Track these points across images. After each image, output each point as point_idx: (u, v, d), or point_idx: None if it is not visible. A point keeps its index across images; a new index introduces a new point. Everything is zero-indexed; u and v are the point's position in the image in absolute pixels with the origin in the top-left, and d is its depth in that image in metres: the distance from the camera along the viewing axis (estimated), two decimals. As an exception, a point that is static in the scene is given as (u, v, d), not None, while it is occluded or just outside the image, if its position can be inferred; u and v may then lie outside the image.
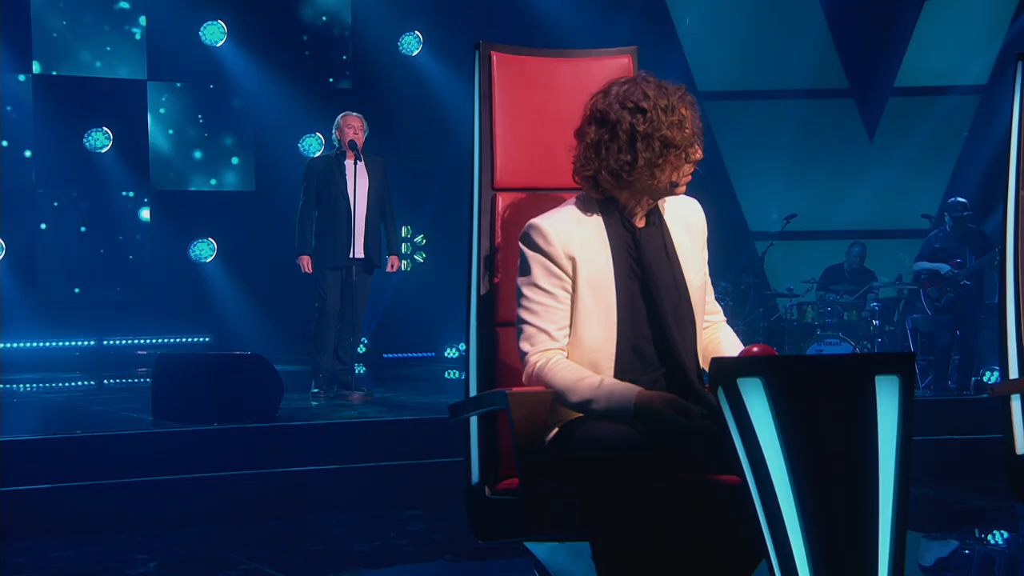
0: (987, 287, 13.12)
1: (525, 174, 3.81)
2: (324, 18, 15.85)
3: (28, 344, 14.50)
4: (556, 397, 3.53)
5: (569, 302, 3.59)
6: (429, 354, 15.92)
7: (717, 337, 3.91)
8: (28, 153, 14.60)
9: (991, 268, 13.02)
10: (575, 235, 3.60)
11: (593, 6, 15.62)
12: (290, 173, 14.16)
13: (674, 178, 3.62)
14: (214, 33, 15.00)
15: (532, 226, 3.61)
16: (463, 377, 12.97)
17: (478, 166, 3.93)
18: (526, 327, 3.59)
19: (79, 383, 14.20)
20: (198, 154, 15.52)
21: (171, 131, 15.35)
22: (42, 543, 7.21)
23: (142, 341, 14.96)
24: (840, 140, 16.43)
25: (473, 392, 3.79)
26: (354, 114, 10.07)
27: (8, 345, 14.37)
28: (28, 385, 13.87)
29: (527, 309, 3.60)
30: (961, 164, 16.12)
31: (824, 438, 3.06)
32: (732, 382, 3.00)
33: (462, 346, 15.40)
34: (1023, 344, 4.29)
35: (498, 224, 3.83)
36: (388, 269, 10.29)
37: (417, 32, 15.88)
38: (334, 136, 10.05)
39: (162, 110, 15.31)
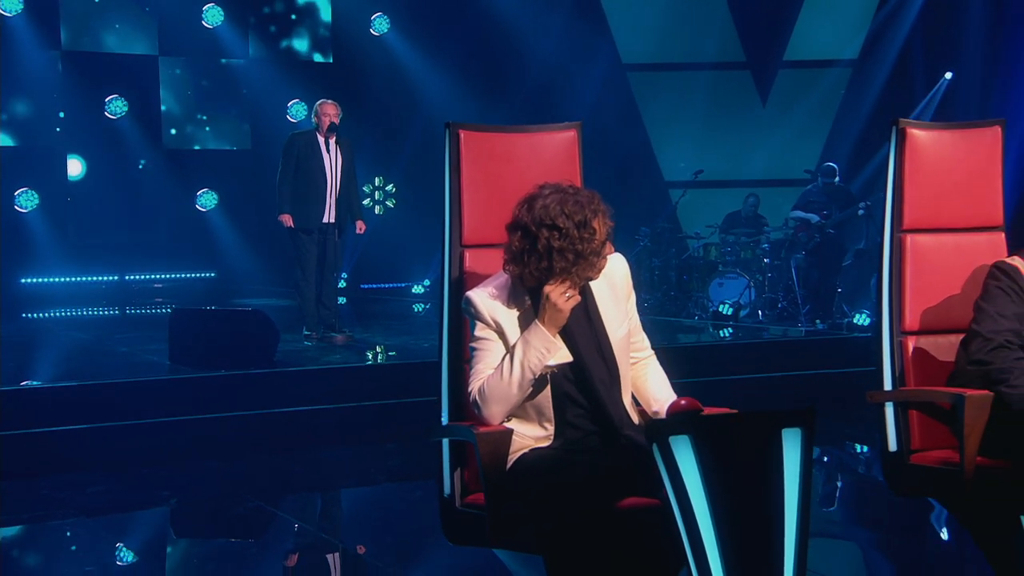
0: (848, 235, 13.25)
1: (489, 232, 3.69)
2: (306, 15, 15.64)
3: (61, 279, 14.40)
4: (495, 393, 3.43)
5: (501, 347, 3.50)
6: (399, 284, 15.82)
7: (645, 374, 3.78)
8: (61, 114, 14.40)
9: (852, 220, 13.17)
10: (502, 309, 3.51)
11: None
12: (279, 134, 14.05)
13: (589, 274, 3.51)
14: (215, 15, 14.77)
15: (466, 298, 3.53)
16: (427, 308, 12.90)
17: (448, 226, 3.79)
18: (471, 373, 3.51)
19: (107, 311, 14.18)
20: (202, 118, 15.35)
21: (178, 99, 15.16)
22: (79, 478, 7.15)
23: (158, 276, 14.94)
24: (739, 106, 16.32)
25: (445, 417, 3.70)
26: (330, 101, 9.85)
27: (44, 280, 14.30)
28: (64, 311, 13.85)
29: (471, 359, 3.53)
30: (836, 127, 16.16)
31: (741, 481, 3.01)
32: (665, 440, 2.95)
33: (426, 282, 15.39)
34: (895, 363, 4.24)
35: (465, 275, 3.75)
36: (357, 232, 10.14)
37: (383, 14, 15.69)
38: (312, 119, 9.85)
39: (171, 81, 15.10)
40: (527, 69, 15.60)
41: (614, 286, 3.65)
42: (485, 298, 3.49)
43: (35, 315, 13.70)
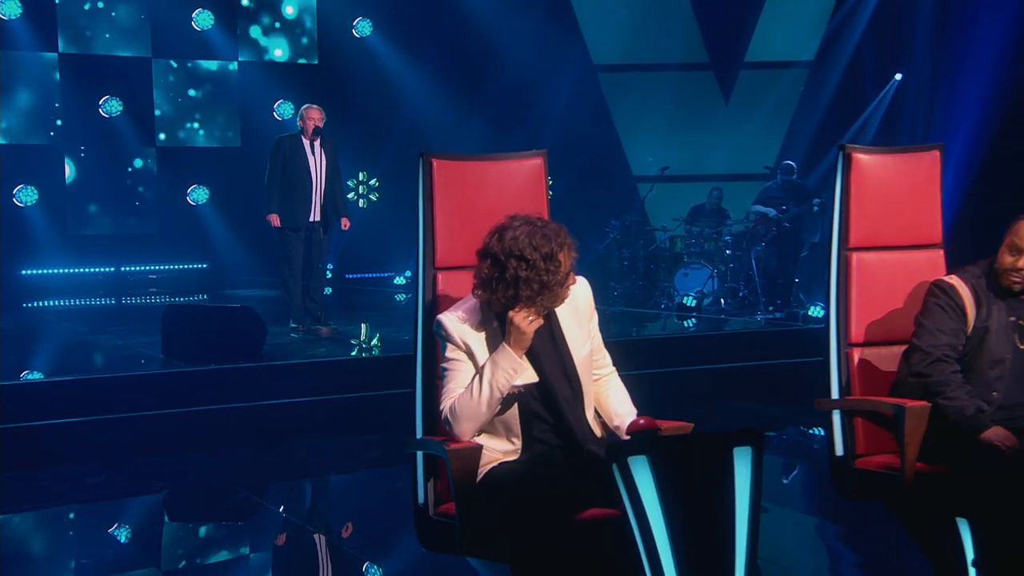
0: (804, 228, 13.32)
1: (460, 255, 3.69)
2: (292, 10, 15.55)
3: (60, 270, 14.35)
4: (466, 411, 3.44)
5: (471, 367, 3.50)
6: (383, 274, 15.79)
7: (607, 390, 3.77)
8: (59, 123, 14.33)
9: (808, 214, 13.24)
10: (471, 331, 3.51)
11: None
12: (267, 132, 14.02)
13: (553, 303, 3.51)
14: (205, 19, 14.70)
15: (437, 321, 3.53)
16: (408, 298, 12.81)
17: (423, 250, 3.79)
18: (442, 392, 3.52)
19: (104, 301, 14.11)
20: (193, 117, 15.27)
21: (170, 99, 15.09)
22: (78, 470, 7.13)
23: (152, 268, 14.87)
24: (703, 105, 16.31)
25: (419, 428, 3.70)
26: (315, 106, 9.82)
27: (44, 271, 14.25)
28: (62, 302, 13.78)
29: (442, 379, 3.54)
30: (794, 125, 16.20)
31: (695, 497, 3.04)
32: (623, 460, 2.97)
33: (408, 272, 15.37)
34: (841, 373, 4.26)
35: (439, 297, 3.76)
36: (342, 228, 10.11)
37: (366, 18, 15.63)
38: (298, 122, 9.80)
39: (164, 81, 15.03)
40: (503, 70, 15.58)
41: (577, 309, 3.65)
42: (455, 321, 3.50)
43: (35, 304, 13.65)
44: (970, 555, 3.91)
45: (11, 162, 13.84)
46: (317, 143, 9.68)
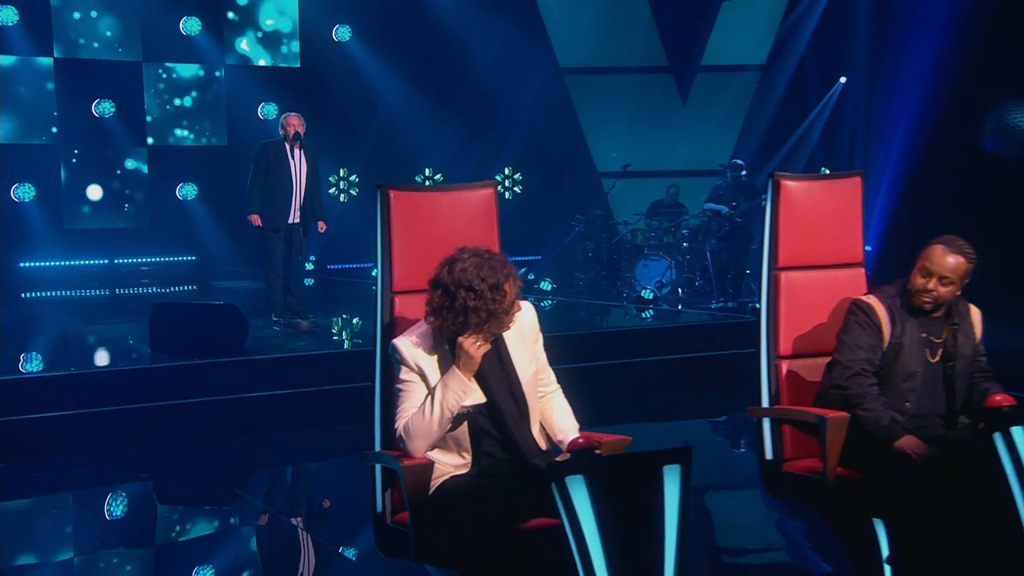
0: (754, 223, 13.39)
1: (416, 280, 3.72)
2: (275, 17, 15.49)
3: (57, 263, 14.26)
4: (418, 430, 3.47)
5: (423, 389, 3.53)
6: (362, 264, 15.71)
7: (552, 406, 3.79)
8: (54, 138, 14.24)
9: (757, 210, 13.30)
10: (424, 355, 3.55)
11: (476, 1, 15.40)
12: (252, 131, 14.02)
13: (500, 329, 3.55)
14: (192, 25, 14.61)
15: (392, 345, 3.57)
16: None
17: (381, 275, 3.82)
18: (397, 411, 3.55)
19: (98, 292, 14.08)
20: (183, 118, 15.19)
21: (160, 101, 15.01)
22: (67, 461, 7.09)
23: (144, 260, 14.75)
24: (662, 106, 16.37)
25: (377, 442, 3.74)
26: (295, 113, 9.78)
27: (41, 264, 14.18)
28: (59, 293, 13.74)
29: (396, 399, 3.57)
30: (746, 125, 16.26)
31: (628, 512, 3.09)
32: (562, 480, 3.02)
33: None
34: (771, 383, 4.33)
35: (395, 319, 3.80)
36: (319, 230, 10.06)
37: (345, 24, 15.56)
38: (280, 130, 9.77)
39: (154, 84, 14.94)
40: (474, 73, 15.56)
41: (523, 332, 3.68)
42: (409, 345, 3.54)
43: (33, 295, 13.59)
44: (885, 552, 4.00)
45: (9, 161, 13.79)
46: (298, 149, 9.64)
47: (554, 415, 3.74)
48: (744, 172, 13.52)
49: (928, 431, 3.99)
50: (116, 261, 14.58)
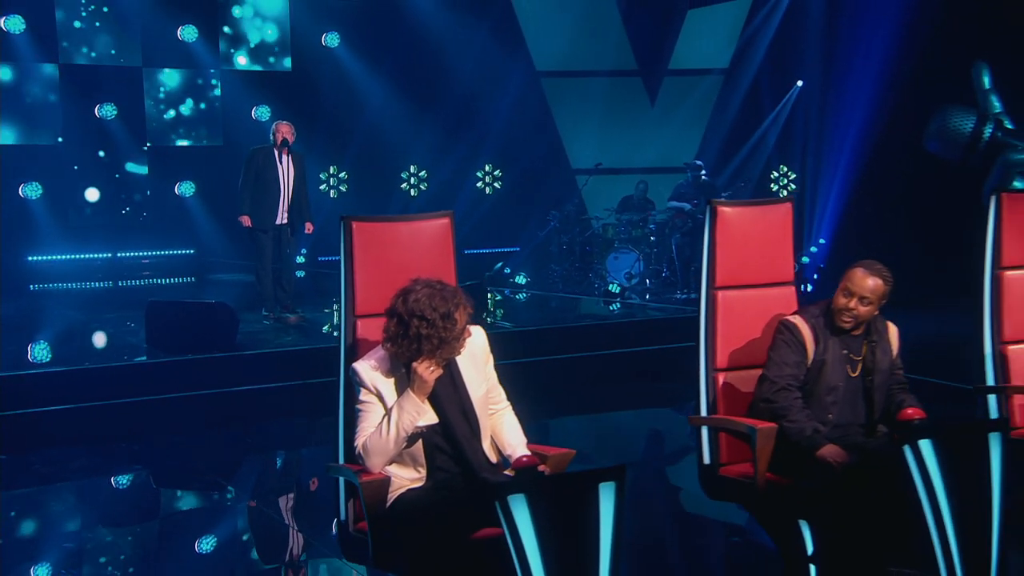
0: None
1: (376, 305, 3.75)
2: (268, 23, 15.44)
3: (63, 256, 14.25)
4: (376, 448, 3.52)
5: (381, 409, 3.58)
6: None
7: (501, 423, 3.83)
8: (60, 139, 14.22)
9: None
10: (381, 378, 3.60)
11: (456, 9, 15.36)
12: (247, 132, 14.00)
13: (451, 355, 3.60)
14: (190, 32, 14.53)
15: (352, 368, 3.61)
16: None
17: (344, 300, 3.86)
18: (356, 430, 3.60)
19: (102, 284, 14.06)
20: (182, 119, 15.16)
21: (160, 103, 14.97)
22: (65, 453, 7.14)
23: (145, 253, 14.69)
24: (632, 107, 16.32)
25: (341, 455, 3.78)
26: (285, 121, 9.79)
27: (48, 257, 14.17)
28: (64, 285, 13.73)
29: (356, 418, 3.61)
30: (710, 126, 16.27)
31: (566, 526, 3.16)
32: (504, 499, 3.07)
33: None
34: (709, 393, 4.40)
35: (358, 341, 3.84)
36: (306, 232, 10.05)
37: (334, 31, 15.50)
38: (270, 136, 9.77)
39: (153, 88, 14.89)
40: (455, 76, 15.53)
41: (474, 355, 3.73)
42: (367, 369, 3.60)
43: (40, 287, 13.58)
44: (810, 550, 4.10)
45: (18, 161, 13.75)
46: (286, 155, 9.66)
47: (503, 431, 3.80)
48: (703, 172, 13.61)
49: (849, 439, 4.08)
50: (118, 255, 14.53)
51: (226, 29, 15.09)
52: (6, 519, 6.13)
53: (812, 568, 4.08)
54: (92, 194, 14.46)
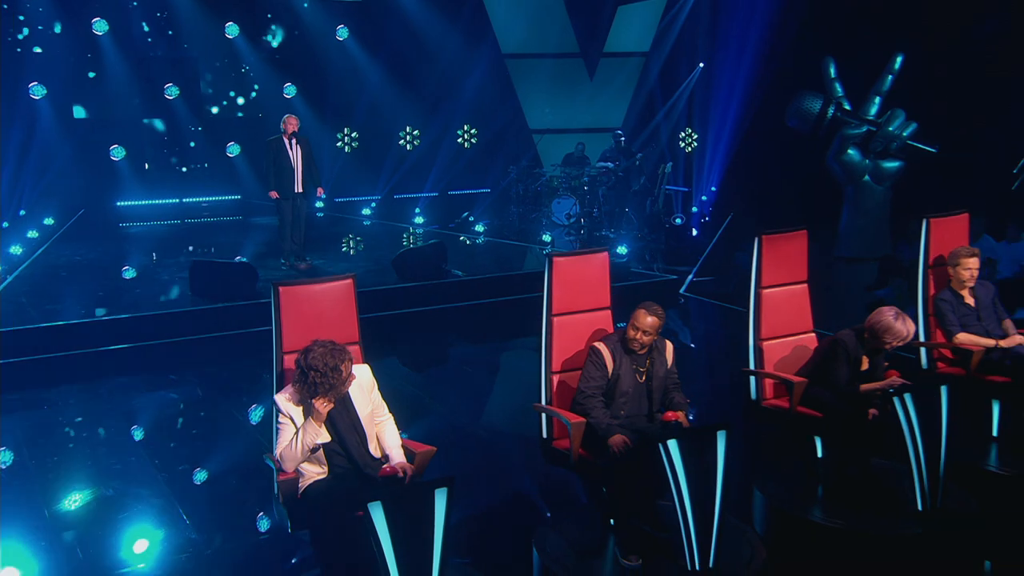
0: (630, 178, 13.54)
1: (299, 343, 3.89)
2: (294, 19, 15.19)
3: (142, 202, 14.39)
4: (287, 457, 3.68)
5: (293, 428, 3.71)
6: (359, 198, 15.84)
7: (384, 431, 3.93)
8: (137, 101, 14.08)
9: (632, 167, 13.44)
10: (293, 407, 3.75)
11: (437, 7, 15.07)
12: (280, 105, 13.98)
13: (339, 394, 3.70)
14: (233, 29, 14.34)
15: (273, 400, 3.78)
16: (371, 224, 12.72)
17: (275, 340, 3.98)
18: (276, 442, 3.78)
19: (171, 222, 14.22)
20: (230, 96, 15.09)
21: (211, 86, 14.88)
22: (126, 382, 7.19)
23: (203, 198, 14.79)
24: (575, 81, 16.24)
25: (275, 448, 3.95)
26: (293, 116, 9.83)
27: (132, 203, 14.32)
28: (144, 224, 13.88)
29: (276, 433, 3.79)
30: (634, 97, 16.18)
31: (409, 523, 3.31)
32: (365, 505, 3.26)
33: (372, 206, 15.45)
34: (549, 389, 4.58)
35: (285, 370, 3.97)
36: (318, 195, 10.18)
37: (344, 26, 15.26)
38: (281, 125, 9.75)
39: (207, 74, 14.80)
40: (438, 58, 15.42)
41: (361, 386, 3.91)
42: (284, 400, 3.79)
43: (127, 225, 13.79)
44: (608, 508, 4.42)
45: (107, 130, 13.79)
46: (294, 141, 9.73)
47: (385, 436, 3.99)
48: (623, 139, 13.63)
49: (635, 426, 4.31)
50: (184, 200, 14.68)
51: (262, 22, 14.88)
52: (91, 424, 6.36)
53: (612, 522, 4.34)
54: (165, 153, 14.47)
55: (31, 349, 7.46)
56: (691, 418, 4.50)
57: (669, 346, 4.48)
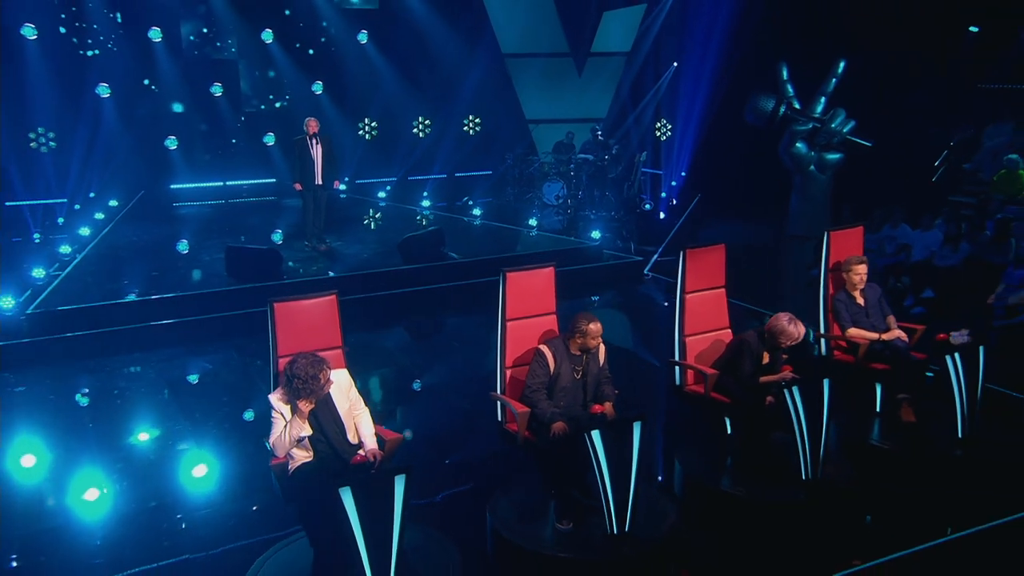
0: (608, 166, 13.51)
1: (292, 348, 4.07)
2: (322, 26, 15.03)
3: (191, 185, 14.43)
4: (277, 447, 3.81)
5: (283, 422, 3.85)
6: (377, 179, 15.79)
7: (360, 422, 4.03)
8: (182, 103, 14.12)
9: (610, 157, 13.40)
10: (283, 406, 3.88)
11: (444, 12, 14.89)
12: (307, 101, 13.97)
13: (319, 396, 3.78)
14: (268, 35, 14.19)
15: (268, 399, 3.93)
16: (386, 206, 12.73)
17: (271, 344, 4.12)
18: (271, 432, 3.91)
19: (216, 202, 14.25)
20: (265, 95, 15.03)
21: (250, 85, 14.82)
22: (167, 353, 7.38)
23: (243, 181, 14.77)
24: (565, 77, 15.98)
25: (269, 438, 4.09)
26: (313, 118, 9.84)
27: (183, 186, 14.39)
28: (193, 204, 13.93)
29: (271, 427, 3.91)
30: (616, 93, 16.01)
31: (374, 509, 3.50)
32: (335, 490, 3.49)
33: (388, 188, 15.48)
34: (502, 381, 4.70)
35: (279, 371, 4.18)
36: (335, 187, 10.20)
37: (365, 31, 15.09)
38: (304, 127, 9.77)
39: (248, 74, 14.72)
40: (444, 57, 15.30)
41: (340, 386, 4.07)
42: (276, 399, 3.97)
43: (179, 204, 13.91)
44: (547, 480, 4.60)
45: (161, 124, 13.84)
46: (315, 140, 9.79)
47: (361, 427, 4.15)
48: (600, 134, 13.58)
49: (572, 414, 4.49)
50: (227, 183, 14.76)
51: (291, 27, 14.76)
52: (142, 388, 6.60)
53: (552, 497, 4.53)
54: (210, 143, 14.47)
55: (93, 324, 7.68)
56: (619, 400, 4.60)
57: (603, 348, 4.63)
